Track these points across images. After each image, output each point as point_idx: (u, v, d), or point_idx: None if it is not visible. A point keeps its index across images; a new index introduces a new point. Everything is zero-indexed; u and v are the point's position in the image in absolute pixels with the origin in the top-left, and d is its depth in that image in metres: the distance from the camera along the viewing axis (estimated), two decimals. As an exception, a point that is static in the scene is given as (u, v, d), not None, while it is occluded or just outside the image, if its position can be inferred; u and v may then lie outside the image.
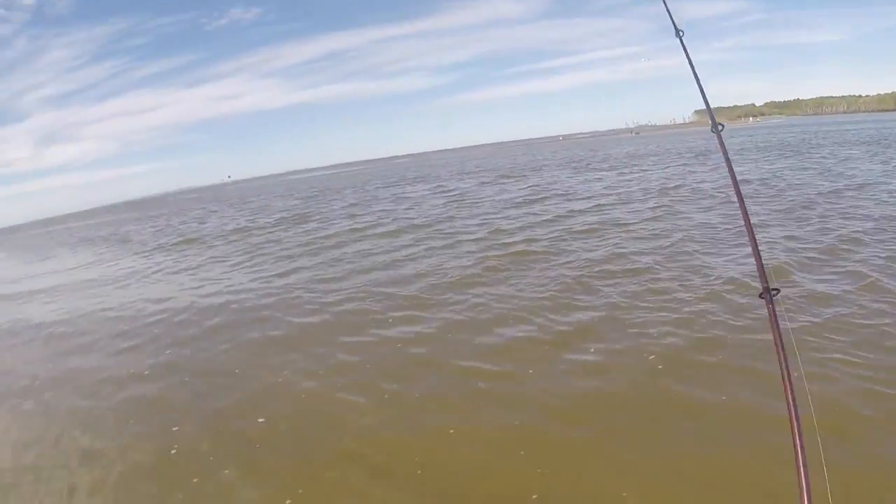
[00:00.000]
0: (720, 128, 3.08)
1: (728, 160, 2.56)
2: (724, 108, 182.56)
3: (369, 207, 19.09)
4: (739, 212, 1.94)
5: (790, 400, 1.30)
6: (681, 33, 3.18)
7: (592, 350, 4.74)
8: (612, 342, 4.85)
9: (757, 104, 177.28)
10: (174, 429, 4.21)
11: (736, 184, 2.06)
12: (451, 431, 3.73)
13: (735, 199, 2.38)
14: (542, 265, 7.66)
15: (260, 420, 4.22)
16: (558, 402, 3.94)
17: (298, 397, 4.53)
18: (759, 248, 1.76)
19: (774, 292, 1.54)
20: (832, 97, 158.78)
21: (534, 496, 2.99)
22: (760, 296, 1.57)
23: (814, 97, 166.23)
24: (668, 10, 2.87)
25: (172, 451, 3.87)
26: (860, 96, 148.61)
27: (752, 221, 1.96)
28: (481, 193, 19.09)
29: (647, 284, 6.28)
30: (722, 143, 2.93)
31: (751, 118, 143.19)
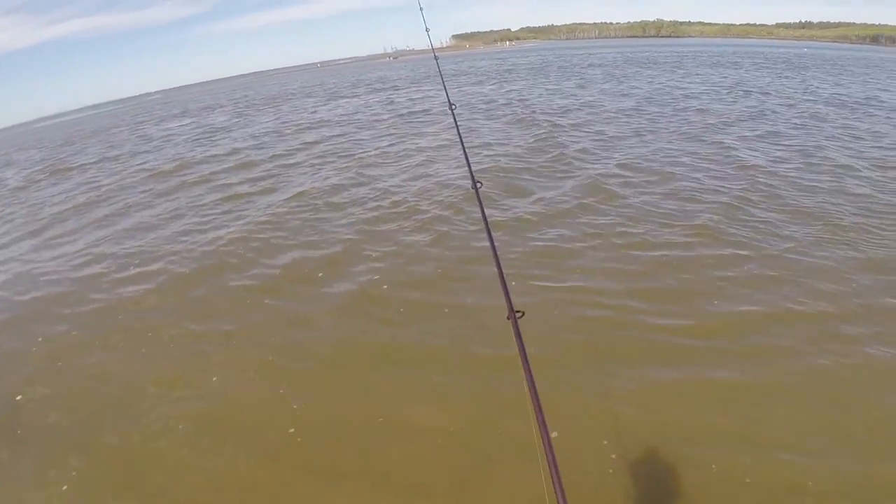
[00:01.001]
0: (454, 107, 3.76)
1: (467, 156, 3.01)
2: (481, 32, 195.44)
3: (121, 149, 17.84)
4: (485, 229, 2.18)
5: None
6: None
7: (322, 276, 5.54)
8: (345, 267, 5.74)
9: (513, 29, 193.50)
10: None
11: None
12: (214, 379, 4.10)
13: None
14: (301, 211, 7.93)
15: (18, 398, 4.12)
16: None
17: (57, 375, 4.42)
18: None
19: (519, 314, 1.57)
20: (585, 24, 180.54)
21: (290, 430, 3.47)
22: (507, 318, 1.58)
23: (567, 23, 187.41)
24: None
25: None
26: (611, 23, 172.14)
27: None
28: (232, 128, 18.97)
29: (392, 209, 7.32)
30: (456, 123, 3.51)
31: (507, 42, 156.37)
